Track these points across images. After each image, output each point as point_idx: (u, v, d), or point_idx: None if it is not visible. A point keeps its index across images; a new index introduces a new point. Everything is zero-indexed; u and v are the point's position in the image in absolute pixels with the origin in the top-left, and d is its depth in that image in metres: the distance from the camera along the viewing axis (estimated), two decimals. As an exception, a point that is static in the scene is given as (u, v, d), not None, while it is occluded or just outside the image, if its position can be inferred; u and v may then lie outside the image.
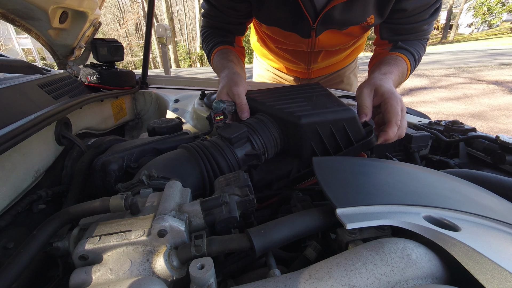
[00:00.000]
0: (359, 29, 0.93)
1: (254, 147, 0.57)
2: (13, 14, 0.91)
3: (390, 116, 0.60)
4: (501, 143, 0.67)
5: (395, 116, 0.59)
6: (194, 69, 14.99)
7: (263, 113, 0.63)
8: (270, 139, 0.59)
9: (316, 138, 0.58)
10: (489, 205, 0.39)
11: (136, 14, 20.06)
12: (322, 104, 0.62)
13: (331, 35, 0.94)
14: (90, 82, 1.10)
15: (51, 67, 1.31)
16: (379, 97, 0.64)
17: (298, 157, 0.61)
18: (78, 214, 0.35)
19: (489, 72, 6.60)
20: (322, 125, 0.57)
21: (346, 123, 0.58)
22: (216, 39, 0.93)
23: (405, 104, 0.64)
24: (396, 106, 0.60)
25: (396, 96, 0.61)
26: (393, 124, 0.59)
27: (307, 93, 0.69)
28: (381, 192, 0.38)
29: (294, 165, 0.61)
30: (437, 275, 0.29)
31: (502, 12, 18.50)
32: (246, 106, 0.66)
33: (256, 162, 0.58)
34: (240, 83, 0.70)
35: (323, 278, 0.28)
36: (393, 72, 0.73)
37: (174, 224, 0.32)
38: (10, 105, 0.58)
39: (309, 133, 0.57)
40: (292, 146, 0.61)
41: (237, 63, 0.85)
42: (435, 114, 4.27)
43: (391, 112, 0.60)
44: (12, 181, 0.52)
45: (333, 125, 0.58)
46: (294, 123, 0.57)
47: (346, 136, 0.59)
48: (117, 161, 0.55)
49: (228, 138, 0.54)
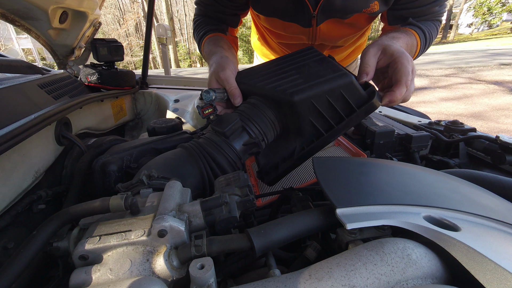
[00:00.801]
0: (363, 19, 0.89)
1: (251, 135, 0.55)
2: (13, 14, 0.91)
3: (399, 75, 0.55)
4: (501, 143, 0.67)
5: (406, 76, 0.54)
6: (194, 69, 14.99)
7: (255, 96, 0.60)
8: (267, 123, 0.57)
9: (314, 112, 0.54)
10: (489, 205, 0.39)
11: (136, 14, 20.05)
12: (315, 73, 0.57)
13: (333, 25, 0.90)
14: (90, 82, 1.10)
15: (51, 67, 1.31)
16: (387, 57, 0.59)
17: (299, 135, 0.57)
18: (78, 214, 0.35)
19: (489, 72, 6.60)
20: (318, 98, 0.53)
21: (343, 90, 0.53)
22: (208, 27, 0.89)
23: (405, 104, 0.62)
24: (407, 66, 0.55)
25: (406, 56, 0.56)
26: (402, 84, 0.54)
27: (298, 62, 0.63)
28: (381, 192, 0.38)
29: (297, 143, 0.58)
30: (437, 275, 0.29)
31: (502, 12, 18.50)
32: (237, 90, 0.62)
33: (256, 150, 0.56)
34: (227, 67, 0.64)
35: (323, 278, 0.28)
36: (401, 38, 0.67)
37: (174, 224, 0.32)
38: (10, 105, 0.58)
39: (305, 109, 0.53)
40: (291, 124, 0.57)
41: (227, 48, 0.79)
42: (435, 114, 4.27)
43: (401, 71, 0.55)
44: (12, 181, 0.52)
45: (330, 95, 0.53)
46: (288, 101, 0.53)
47: (346, 104, 0.55)
48: (116, 161, 0.55)
49: (222, 132, 0.52)
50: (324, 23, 0.88)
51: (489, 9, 18.55)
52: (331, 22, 0.88)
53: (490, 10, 18.58)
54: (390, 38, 0.65)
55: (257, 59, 1.48)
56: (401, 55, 0.56)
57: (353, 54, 1.27)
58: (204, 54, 0.87)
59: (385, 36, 0.67)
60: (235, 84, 0.62)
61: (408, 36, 0.71)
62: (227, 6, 0.89)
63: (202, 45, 0.87)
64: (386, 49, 0.59)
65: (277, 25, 1.00)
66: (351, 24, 0.90)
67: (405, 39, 0.69)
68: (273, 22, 0.99)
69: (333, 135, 0.57)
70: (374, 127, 0.75)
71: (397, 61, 0.56)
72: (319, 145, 0.57)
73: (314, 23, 0.87)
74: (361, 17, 0.86)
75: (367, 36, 1.20)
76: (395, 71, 0.56)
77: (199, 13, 0.95)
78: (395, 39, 0.66)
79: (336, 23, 0.89)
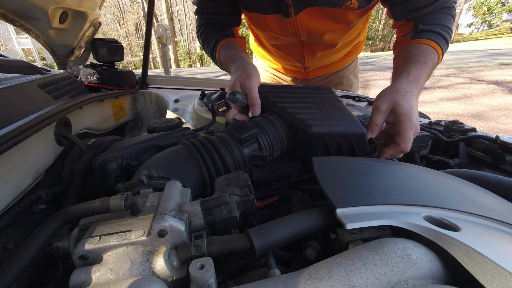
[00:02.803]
0: (348, 14, 0.86)
1: (261, 147, 0.57)
2: (13, 14, 0.91)
3: (399, 140, 0.58)
4: (501, 143, 0.67)
5: (405, 143, 0.58)
6: (194, 69, 14.98)
7: (274, 114, 0.63)
8: (277, 141, 0.59)
9: (323, 148, 0.58)
10: (489, 205, 0.39)
11: (136, 14, 20.05)
12: (334, 114, 0.62)
13: (313, 16, 0.89)
14: (90, 82, 1.10)
15: (51, 67, 1.31)
16: (395, 116, 0.61)
17: (302, 163, 0.61)
18: (78, 214, 0.35)
19: (489, 72, 6.60)
20: (331, 137, 0.57)
21: (354, 138, 0.58)
22: (216, 35, 0.91)
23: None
24: (408, 132, 0.57)
25: (411, 121, 0.58)
26: (400, 148, 0.58)
27: (319, 98, 0.68)
28: (381, 192, 0.38)
29: (296, 169, 0.61)
30: (437, 275, 0.29)
31: (502, 12, 18.51)
32: (258, 101, 0.65)
33: (261, 163, 0.58)
34: (253, 75, 0.67)
35: (323, 278, 0.28)
36: (421, 77, 0.66)
37: (174, 224, 0.32)
38: (10, 105, 0.58)
39: (317, 142, 0.57)
40: (298, 150, 0.61)
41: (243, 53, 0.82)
42: (435, 114, 4.28)
43: (402, 136, 0.58)
44: (12, 181, 0.52)
45: (342, 138, 0.58)
46: (305, 131, 0.57)
47: (351, 151, 0.59)
48: (115, 159, 0.55)
49: (239, 138, 0.54)
50: (302, 12, 0.87)
51: (489, 9, 18.55)
52: (310, 12, 0.87)
53: (490, 10, 18.59)
54: (408, 85, 0.63)
55: (256, 60, 1.49)
56: (406, 119, 0.58)
57: (350, 54, 1.26)
58: (220, 60, 0.88)
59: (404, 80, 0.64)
60: (257, 95, 0.65)
61: (427, 61, 0.68)
62: (223, 4, 0.89)
63: (217, 52, 0.89)
64: (395, 108, 0.60)
65: (260, 21, 1.00)
66: (335, 17, 0.89)
67: (425, 73, 0.67)
68: (256, 18, 0.99)
69: None
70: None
71: (400, 126, 0.58)
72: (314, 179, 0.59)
73: (292, 12, 0.87)
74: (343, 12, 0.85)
75: (363, 35, 1.19)
76: (397, 134, 0.59)
77: (201, 23, 0.97)
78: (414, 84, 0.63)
79: (316, 14, 0.88)
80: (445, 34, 0.72)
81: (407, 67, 0.67)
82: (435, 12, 0.74)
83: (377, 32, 20.54)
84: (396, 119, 0.60)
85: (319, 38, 1.00)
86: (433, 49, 0.70)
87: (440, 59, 0.73)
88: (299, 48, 1.09)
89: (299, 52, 1.12)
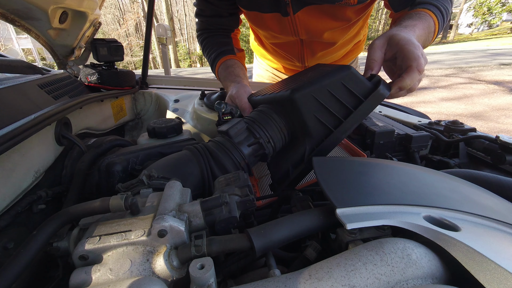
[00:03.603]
0: (347, 11, 0.86)
1: (256, 136, 0.55)
2: (13, 14, 0.91)
3: (409, 61, 0.52)
4: (501, 143, 0.67)
5: (416, 60, 0.51)
6: (194, 69, 14.99)
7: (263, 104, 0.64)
8: (273, 126, 0.57)
9: (317, 107, 0.53)
10: (489, 205, 0.39)
11: (136, 14, 20.05)
12: (317, 74, 0.57)
13: (312, 15, 0.88)
14: (90, 82, 1.10)
15: (51, 67, 1.31)
16: (393, 46, 0.55)
17: (307, 135, 0.55)
18: (78, 214, 0.35)
19: (489, 72, 6.60)
20: (319, 92, 0.52)
21: (344, 81, 0.52)
22: (217, 49, 0.95)
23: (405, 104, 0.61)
24: (414, 51, 0.51)
25: (413, 42, 0.53)
26: (413, 69, 0.51)
27: (305, 74, 0.65)
28: (381, 192, 0.38)
29: (306, 145, 0.55)
30: (437, 275, 0.29)
31: (502, 12, 18.50)
32: (247, 105, 0.71)
33: (262, 151, 0.55)
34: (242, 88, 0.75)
35: (323, 278, 0.28)
36: (416, 25, 0.62)
37: (174, 224, 0.32)
38: (10, 105, 0.58)
39: (307, 104, 0.52)
40: (298, 126, 0.56)
41: (242, 76, 0.88)
42: (435, 114, 4.27)
43: (409, 57, 0.52)
44: (12, 181, 0.52)
45: (331, 88, 0.52)
46: (288, 99, 0.52)
47: (351, 95, 0.53)
48: (121, 162, 0.56)
49: (225, 131, 0.54)
50: (301, 11, 0.87)
51: (489, 9, 18.54)
52: (309, 11, 0.87)
53: (490, 10, 18.58)
54: (401, 28, 0.60)
55: (256, 60, 1.49)
56: (407, 42, 0.53)
57: (351, 54, 1.26)
58: (219, 77, 0.95)
59: (394, 27, 0.62)
60: (245, 100, 0.72)
61: (422, 19, 0.65)
62: (221, 6, 0.92)
63: (217, 70, 0.94)
64: (392, 38, 0.56)
65: (259, 20, 1.00)
66: (334, 14, 0.88)
67: (420, 25, 0.63)
68: (255, 17, 1.00)
69: (344, 131, 0.53)
70: (374, 127, 0.75)
71: (403, 48, 0.53)
72: (329, 144, 0.54)
73: (291, 11, 0.88)
74: (343, 9, 0.84)
75: (364, 34, 1.19)
76: (403, 59, 0.53)
77: (201, 27, 1.00)
78: (408, 28, 0.61)
79: (315, 12, 0.88)
80: (441, 8, 0.70)
81: (400, 22, 0.65)
82: None
83: (377, 32, 20.55)
84: (397, 47, 0.55)
85: (319, 37, 0.99)
86: (429, 16, 0.68)
87: (437, 28, 0.70)
88: (299, 47, 1.09)
89: (299, 51, 1.12)
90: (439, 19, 0.69)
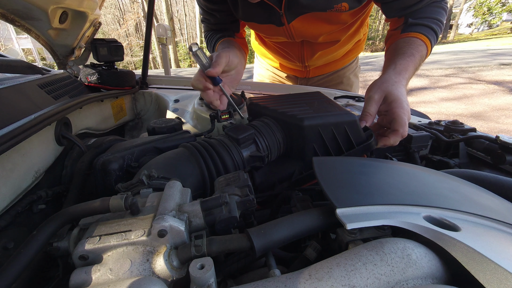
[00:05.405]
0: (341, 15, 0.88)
1: (259, 148, 0.58)
2: (13, 14, 0.91)
3: (396, 126, 0.60)
4: (501, 143, 0.67)
5: (402, 127, 0.60)
6: (194, 69, 14.98)
7: (268, 117, 0.65)
8: (274, 142, 0.61)
9: (318, 140, 0.59)
10: (489, 205, 0.39)
11: (136, 14, 20.04)
12: (324, 108, 0.63)
13: (306, 22, 0.90)
14: (90, 82, 1.10)
15: (51, 67, 1.31)
16: (387, 105, 0.64)
17: (300, 159, 0.62)
18: (78, 214, 0.35)
19: (489, 72, 6.60)
20: (324, 128, 0.59)
21: (347, 126, 0.60)
22: (217, 35, 0.97)
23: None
24: (403, 117, 0.60)
25: (403, 107, 0.61)
26: (398, 134, 0.60)
27: (308, 100, 0.70)
28: (381, 192, 0.38)
29: (296, 167, 0.62)
30: (437, 275, 0.29)
31: (502, 12, 18.51)
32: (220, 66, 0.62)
33: (259, 164, 0.59)
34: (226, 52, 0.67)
35: (323, 278, 0.28)
36: (408, 69, 0.69)
37: (174, 224, 0.32)
38: (10, 105, 0.58)
39: (311, 135, 0.59)
40: (295, 148, 0.62)
41: (237, 47, 0.86)
42: (435, 114, 4.28)
43: (397, 123, 0.60)
44: (12, 181, 0.52)
45: (335, 128, 0.59)
46: (297, 125, 0.58)
47: (347, 139, 0.61)
48: (117, 160, 0.55)
49: (236, 138, 0.56)
50: (295, 20, 0.90)
51: (489, 9, 18.55)
52: (303, 19, 0.89)
53: (490, 10, 18.59)
54: (396, 76, 0.66)
55: (257, 59, 1.49)
56: (399, 105, 0.61)
57: (351, 53, 1.26)
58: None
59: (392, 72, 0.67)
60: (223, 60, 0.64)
61: (415, 53, 0.71)
62: (223, 16, 0.95)
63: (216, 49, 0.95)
64: (387, 97, 0.63)
65: (257, 28, 1.05)
66: (328, 20, 0.90)
67: (412, 64, 0.70)
68: (253, 26, 1.04)
69: None
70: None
71: (394, 112, 0.61)
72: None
73: (285, 21, 0.90)
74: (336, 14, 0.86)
75: (364, 33, 1.19)
76: (392, 121, 0.61)
77: (207, 29, 1.04)
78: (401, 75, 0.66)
79: (309, 19, 0.89)
80: (434, 26, 0.75)
81: (394, 59, 0.71)
82: (426, 7, 0.77)
83: (377, 32, 20.52)
84: (389, 107, 0.63)
85: (314, 39, 1.02)
86: (421, 42, 0.73)
87: (429, 50, 0.76)
88: (299, 47, 1.10)
89: (298, 51, 1.13)
90: (432, 40, 0.75)
